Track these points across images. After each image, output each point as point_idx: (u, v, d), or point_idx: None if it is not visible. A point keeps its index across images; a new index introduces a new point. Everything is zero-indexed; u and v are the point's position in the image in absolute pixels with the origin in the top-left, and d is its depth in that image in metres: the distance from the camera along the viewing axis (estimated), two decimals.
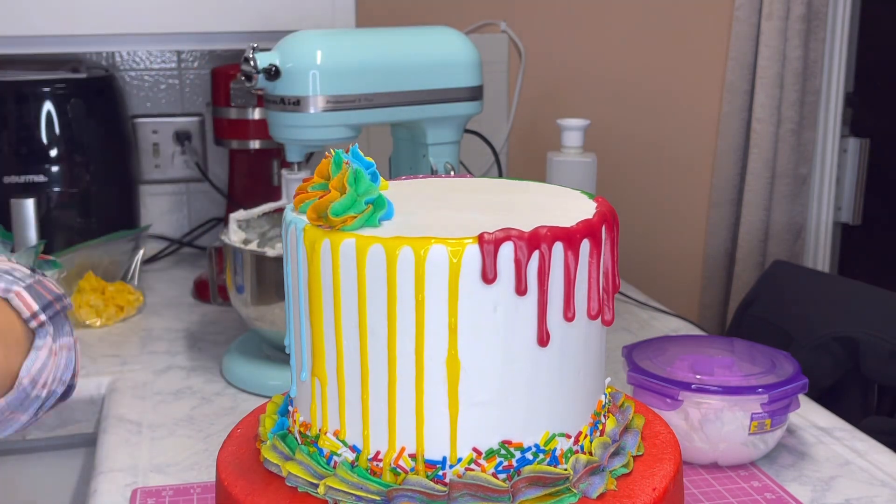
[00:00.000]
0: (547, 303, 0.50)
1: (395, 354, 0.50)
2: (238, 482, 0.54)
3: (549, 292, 0.51)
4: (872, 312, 1.36)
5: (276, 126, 1.10)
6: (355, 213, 0.52)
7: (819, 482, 0.90)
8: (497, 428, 0.51)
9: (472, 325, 0.49)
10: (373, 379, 0.51)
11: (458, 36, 1.18)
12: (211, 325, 1.33)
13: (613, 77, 1.84)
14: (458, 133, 1.20)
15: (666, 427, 0.61)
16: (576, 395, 0.54)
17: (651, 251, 1.93)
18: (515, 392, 0.51)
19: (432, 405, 0.50)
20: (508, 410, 0.51)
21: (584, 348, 0.54)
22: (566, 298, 0.51)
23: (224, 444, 0.59)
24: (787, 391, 0.88)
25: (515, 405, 0.51)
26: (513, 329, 0.50)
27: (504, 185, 0.64)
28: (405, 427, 0.51)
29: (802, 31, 1.77)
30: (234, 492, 0.53)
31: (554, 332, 0.51)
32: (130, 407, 1.07)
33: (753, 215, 1.84)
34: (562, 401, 0.53)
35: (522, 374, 0.51)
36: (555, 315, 0.51)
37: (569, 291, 0.51)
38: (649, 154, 1.89)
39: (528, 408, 0.52)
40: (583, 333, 0.54)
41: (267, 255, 1.06)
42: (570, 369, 0.53)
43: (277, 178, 1.52)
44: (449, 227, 0.51)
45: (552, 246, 0.50)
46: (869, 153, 1.95)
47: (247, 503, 0.52)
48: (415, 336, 0.49)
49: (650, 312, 1.42)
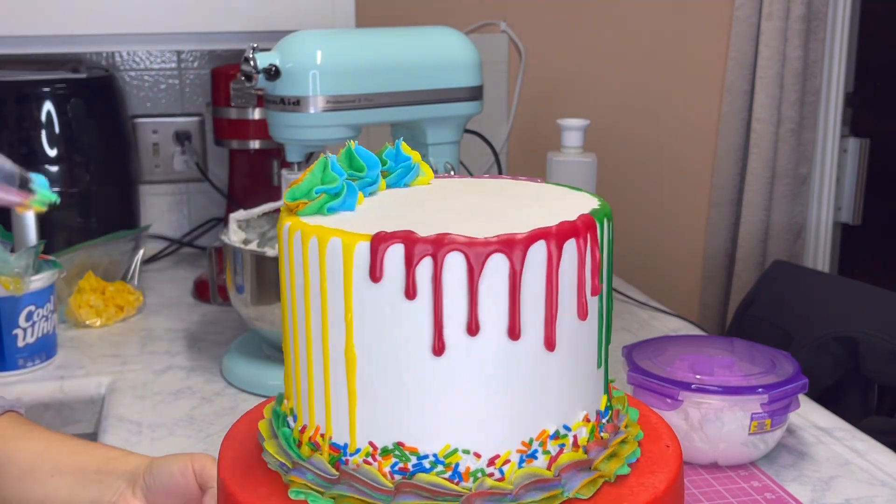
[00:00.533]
0: (443, 311, 0.49)
1: (311, 339, 0.52)
2: (238, 481, 0.54)
3: (444, 301, 0.49)
4: (872, 312, 1.36)
5: (276, 126, 1.10)
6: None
7: (819, 482, 0.90)
8: (391, 428, 0.51)
9: (365, 322, 0.50)
10: (302, 358, 0.54)
11: (458, 36, 1.18)
12: (211, 325, 1.33)
13: (613, 77, 1.84)
14: (458, 133, 1.20)
15: (666, 427, 0.61)
16: (492, 415, 0.51)
17: (651, 251, 1.93)
18: (409, 397, 0.51)
19: (336, 391, 0.52)
20: (403, 413, 0.51)
21: (503, 367, 0.50)
22: (469, 310, 0.49)
23: (224, 443, 0.59)
24: (787, 391, 0.88)
25: (410, 410, 0.51)
26: (404, 333, 0.50)
27: (539, 189, 0.62)
28: (319, 407, 0.53)
29: (802, 31, 1.77)
30: (234, 490, 0.53)
31: (453, 343, 0.49)
32: (130, 407, 1.07)
33: (753, 215, 1.84)
34: (469, 417, 0.51)
35: (417, 381, 0.50)
36: (455, 325, 0.49)
37: (472, 303, 0.49)
38: (649, 154, 1.89)
39: (423, 415, 0.51)
40: (498, 350, 0.50)
41: (267, 255, 1.06)
42: (477, 385, 0.50)
43: (277, 178, 1.52)
44: (391, 224, 0.51)
45: (447, 255, 0.48)
46: (869, 153, 1.95)
47: (247, 502, 0.52)
48: (322, 323, 0.52)
49: (650, 312, 1.42)
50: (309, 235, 0.51)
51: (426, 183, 0.63)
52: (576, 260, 0.51)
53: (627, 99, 1.86)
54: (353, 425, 0.52)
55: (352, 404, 0.51)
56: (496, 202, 0.59)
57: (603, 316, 0.55)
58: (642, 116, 1.88)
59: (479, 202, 0.59)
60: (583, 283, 0.51)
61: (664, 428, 0.61)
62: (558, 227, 0.50)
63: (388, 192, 0.60)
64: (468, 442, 0.51)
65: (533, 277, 0.49)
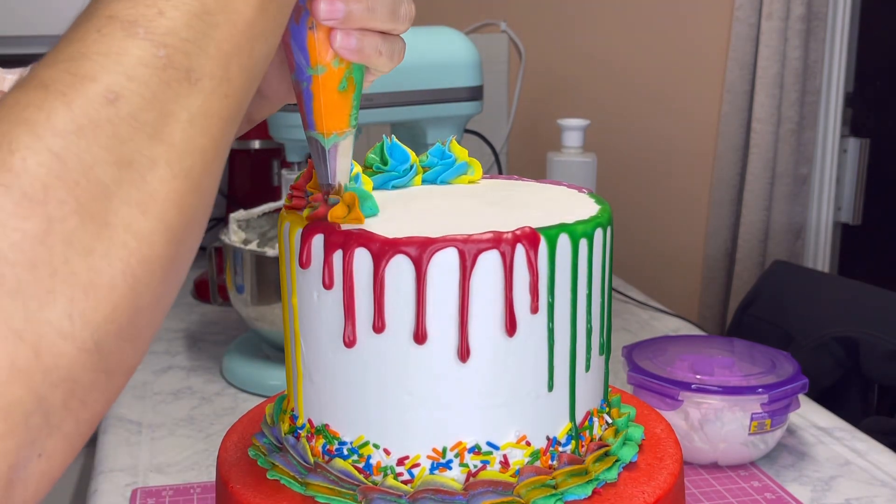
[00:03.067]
0: (354, 305, 0.49)
1: (287, 325, 0.55)
2: (239, 480, 0.54)
3: (355, 295, 0.49)
4: (872, 312, 1.36)
5: (276, 126, 1.10)
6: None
7: (819, 482, 0.90)
8: (321, 411, 0.53)
9: (303, 306, 0.53)
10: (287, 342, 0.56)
11: (458, 36, 1.18)
12: (211, 325, 1.33)
13: (613, 77, 1.84)
14: (458, 133, 1.20)
15: (667, 427, 0.61)
16: (400, 416, 0.50)
17: (651, 251, 1.93)
18: (334, 383, 0.52)
19: (291, 371, 0.55)
20: (329, 398, 0.53)
21: (409, 369, 0.50)
22: (375, 307, 0.49)
23: (224, 442, 0.59)
24: (787, 391, 0.88)
25: (334, 396, 0.53)
26: (324, 320, 0.51)
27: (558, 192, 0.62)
28: (292, 388, 0.56)
29: (802, 31, 1.77)
30: (235, 490, 0.53)
31: (362, 339, 0.50)
32: (130, 407, 1.07)
33: (753, 215, 1.84)
34: (380, 413, 0.51)
35: (336, 370, 0.52)
36: (364, 321, 0.49)
37: (378, 301, 0.49)
38: (649, 154, 1.89)
39: (343, 403, 0.52)
40: (402, 352, 0.49)
41: (267, 255, 1.06)
42: (385, 383, 0.50)
43: (277, 178, 1.53)
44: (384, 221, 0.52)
45: (356, 249, 0.49)
46: (869, 153, 1.95)
47: (247, 501, 0.52)
48: (283, 305, 0.55)
49: (650, 312, 1.42)
50: (283, 222, 0.54)
51: (472, 181, 0.63)
52: (501, 273, 0.49)
53: (627, 99, 1.86)
54: (301, 401, 0.55)
55: (299, 381, 0.54)
56: (482, 204, 0.58)
57: (553, 336, 0.51)
58: (642, 116, 1.88)
59: (468, 204, 0.58)
60: (511, 298, 0.49)
61: (665, 429, 0.61)
62: (477, 237, 0.48)
63: (416, 188, 0.61)
64: (378, 436, 0.51)
65: (443, 283, 0.48)
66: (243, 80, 0.40)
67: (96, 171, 0.34)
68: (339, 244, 0.49)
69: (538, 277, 0.49)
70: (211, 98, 0.38)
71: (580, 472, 0.52)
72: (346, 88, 0.50)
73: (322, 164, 0.51)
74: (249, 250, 1.07)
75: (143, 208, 0.35)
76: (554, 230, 0.50)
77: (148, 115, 0.36)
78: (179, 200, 0.36)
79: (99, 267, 0.34)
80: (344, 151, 0.51)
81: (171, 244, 0.36)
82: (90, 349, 0.34)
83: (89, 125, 0.34)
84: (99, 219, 0.34)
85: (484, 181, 0.64)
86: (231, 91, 0.39)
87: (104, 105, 0.35)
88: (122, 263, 0.34)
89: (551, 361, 0.52)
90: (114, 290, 0.34)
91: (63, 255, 0.33)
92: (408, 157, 0.61)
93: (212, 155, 0.38)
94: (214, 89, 0.38)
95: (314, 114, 0.50)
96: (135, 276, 0.35)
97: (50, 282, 0.33)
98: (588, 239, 0.52)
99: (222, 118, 0.39)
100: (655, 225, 1.92)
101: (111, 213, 0.34)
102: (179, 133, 0.37)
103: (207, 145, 0.38)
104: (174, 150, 0.36)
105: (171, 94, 0.36)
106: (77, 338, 0.33)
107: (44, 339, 0.32)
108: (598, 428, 0.56)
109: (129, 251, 0.35)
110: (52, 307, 0.33)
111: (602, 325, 0.55)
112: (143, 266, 0.35)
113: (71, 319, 0.33)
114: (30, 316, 0.32)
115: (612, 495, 0.52)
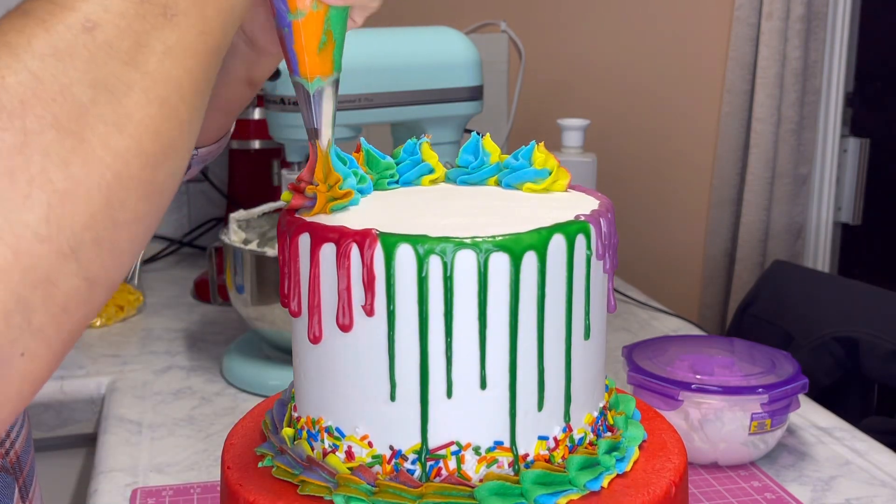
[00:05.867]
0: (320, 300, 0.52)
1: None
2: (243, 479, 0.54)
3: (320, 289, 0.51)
4: (872, 312, 1.36)
5: (276, 126, 1.10)
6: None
7: (819, 482, 0.90)
8: (308, 404, 0.54)
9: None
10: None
11: (458, 36, 1.18)
12: (211, 325, 1.33)
13: (613, 77, 1.84)
14: (458, 133, 1.20)
15: (669, 427, 0.61)
16: (346, 399, 0.51)
17: (651, 251, 1.93)
18: (302, 376, 0.54)
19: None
20: (305, 388, 0.54)
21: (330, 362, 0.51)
22: (311, 300, 0.51)
23: (227, 442, 0.59)
24: (787, 391, 0.88)
25: (303, 386, 0.54)
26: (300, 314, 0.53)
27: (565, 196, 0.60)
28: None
29: (802, 31, 1.77)
30: (238, 489, 0.53)
31: (327, 331, 0.51)
32: (130, 407, 1.07)
33: (753, 215, 1.84)
34: (336, 400, 0.52)
35: (304, 363, 0.53)
36: (328, 314, 0.51)
37: (313, 296, 0.51)
38: (649, 154, 1.89)
39: (314, 392, 0.54)
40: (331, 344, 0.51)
41: (267, 255, 1.06)
42: (339, 370, 0.51)
43: (277, 178, 1.52)
44: (376, 221, 0.52)
45: (298, 237, 0.51)
46: (869, 153, 1.95)
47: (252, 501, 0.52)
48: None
49: (650, 312, 1.42)
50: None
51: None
52: (345, 268, 0.49)
53: (627, 99, 1.86)
54: (297, 395, 0.56)
55: (295, 375, 0.56)
56: (473, 206, 0.57)
57: (392, 340, 0.49)
58: (642, 116, 1.88)
59: (459, 204, 0.58)
60: (342, 290, 0.49)
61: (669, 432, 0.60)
62: (353, 232, 0.49)
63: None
64: (333, 418, 0.53)
65: (326, 274, 0.50)
66: (221, 20, 0.42)
67: (73, 90, 0.36)
68: (283, 234, 0.52)
69: (374, 276, 0.48)
70: (187, 33, 0.40)
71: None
72: (327, 31, 0.51)
73: (307, 109, 0.53)
74: (249, 250, 1.07)
75: (119, 128, 0.37)
76: (396, 238, 0.48)
77: (123, 43, 0.38)
78: (155, 126, 0.38)
79: (76, 176, 0.36)
80: (328, 96, 0.53)
81: (147, 167, 0.38)
82: (67, 253, 0.36)
83: (67, 49, 0.37)
84: (75, 134, 0.36)
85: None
86: (207, 29, 0.41)
87: (82, 32, 0.37)
88: (98, 176, 0.36)
89: (392, 368, 0.50)
90: (90, 201, 0.36)
91: (40, 165, 0.35)
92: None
93: (189, 87, 0.40)
94: (191, 26, 0.40)
95: (297, 59, 0.51)
96: (110, 189, 0.37)
97: (27, 188, 0.35)
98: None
99: (199, 52, 0.41)
100: (655, 225, 1.92)
101: (87, 128, 0.36)
102: (155, 63, 0.39)
103: (183, 77, 0.40)
104: (149, 77, 0.38)
105: (146, 26, 0.39)
106: (54, 241, 0.35)
107: (22, 240, 0.34)
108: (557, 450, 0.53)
109: (105, 165, 0.37)
110: (30, 211, 0.35)
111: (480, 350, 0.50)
112: (119, 182, 0.37)
113: (48, 223, 0.35)
114: (7, 217, 0.34)
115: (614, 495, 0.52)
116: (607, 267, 0.54)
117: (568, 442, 0.53)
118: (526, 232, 0.49)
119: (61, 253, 0.35)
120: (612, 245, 0.54)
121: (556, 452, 0.52)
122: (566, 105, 1.81)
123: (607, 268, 0.54)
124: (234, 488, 0.54)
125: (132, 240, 0.39)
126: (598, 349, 0.55)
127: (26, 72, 0.36)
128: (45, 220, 0.35)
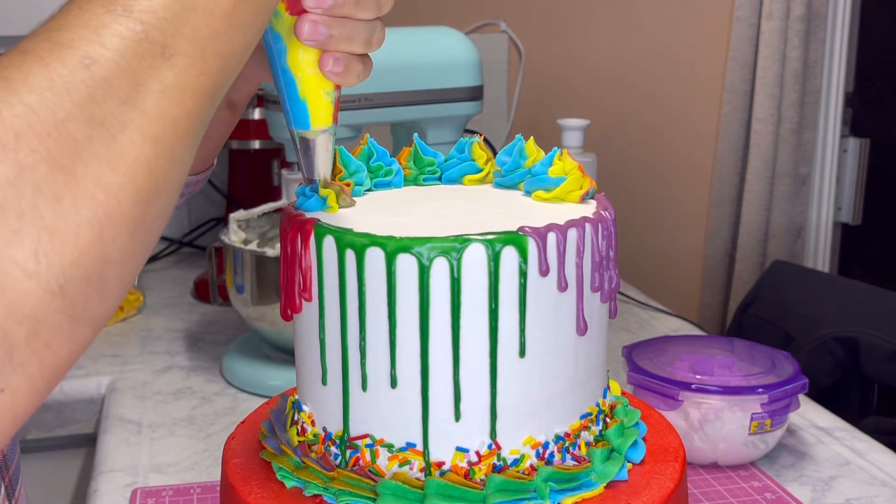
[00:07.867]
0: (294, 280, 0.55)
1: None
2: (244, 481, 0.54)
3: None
4: (872, 312, 1.36)
5: (276, 126, 1.10)
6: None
7: (819, 482, 0.90)
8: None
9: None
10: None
11: (458, 36, 1.18)
12: (211, 325, 1.33)
13: (613, 77, 1.84)
14: (458, 133, 1.20)
15: (669, 428, 0.61)
16: (300, 376, 0.57)
17: (651, 251, 1.93)
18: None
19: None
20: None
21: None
22: (283, 280, 0.55)
23: (228, 443, 0.59)
24: (787, 391, 0.88)
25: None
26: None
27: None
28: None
29: (802, 32, 1.77)
30: (239, 489, 0.53)
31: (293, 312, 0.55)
32: (130, 407, 1.07)
33: (753, 215, 1.84)
34: (298, 378, 0.57)
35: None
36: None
37: (290, 278, 0.54)
38: (649, 154, 1.89)
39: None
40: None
41: (267, 255, 1.06)
42: (298, 350, 0.56)
43: (277, 178, 1.52)
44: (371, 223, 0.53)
45: (296, 236, 0.52)
46: (869, 153, 1.95)
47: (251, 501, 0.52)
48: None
49: (650, 312, 1.42)
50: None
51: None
52: (287, 252, 0.54)
53: (627, 99, 1.86)
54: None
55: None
56: (443, 207, 0.57)
57: (322, 328, 0.52)
58: (642, 116, 1.87)
59: (434, 205, 0.58)
60: (285, 280, 0.54)
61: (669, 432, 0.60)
62: (297, 220, 0.52)
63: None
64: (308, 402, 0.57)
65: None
66: (220, 63, 0.42)
67: (68, 125, 0.36)
68: (284, 232, 0.54)
69: (309, 265, 0.52)
70: (185, 74, 0.40)
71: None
72: (328, 91, 0.53)
73: (305, 159, 0.54)
74: (249, 250, 1.07)
75: (113, 166, 0.37)
76: (324, 231, 0.51)
77: (121, 81, 0.38)
78: (149, 164, 0.38)
79: (66, 213, 0.35)
80: (326, 146, 0.54)
81: (139, 204, 0.38)
82: (55, 291, 0.35)
83: (64, 85, 0.36)
84: (68, 169, 0.36)
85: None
86: (206, 70, 0.41)
87: (80, 68, 0.37)
88: (90, 213, 0.36)
89: (323, 353, 0.53)
90: (80, 237, 0.36)
91: (31, 200, 0.35)
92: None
93: (185, 126, 0.40)
94: (189, 67, 0.40)
95: (299, 112, 0.53)
96: (102, 226, 0.36)
97: (17, 223, 0.34)
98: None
99: (197, 93, 0.41)
100: (655, 225, 1.92)
101: (80, 165, 0.36)
102: (152, 101, 0.39)
103: (180, 116, 0.40)
104: (145, 116, 0.38)
105: (145, 65, 0.38)
106: (42, 277, 0.35)
107: (9, 275, 0.34)
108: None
109: (97, 202, 0.36)
110: (19, 246, 0.34)
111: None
112: (110, 219, 0.37)
113: (37, 259, 0.35)
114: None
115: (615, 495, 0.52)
116: (563, 285, 0.51)
117: (495, 460, 0.51)
118: (440, 237, 0.48)
119: (48, 289, 0.35)
120: (579, 264, 0.51)
121: (476, 467, 0.50)
122: (566, 105, 1.81)
123: (563, 286, 0.51)
124: (235, 488, 0.54)
125: (120, 277, 0.38)
126: (550, 369, 0.51)
127: (22, 105, 0.35)
128: (33, 256, 0.34)
